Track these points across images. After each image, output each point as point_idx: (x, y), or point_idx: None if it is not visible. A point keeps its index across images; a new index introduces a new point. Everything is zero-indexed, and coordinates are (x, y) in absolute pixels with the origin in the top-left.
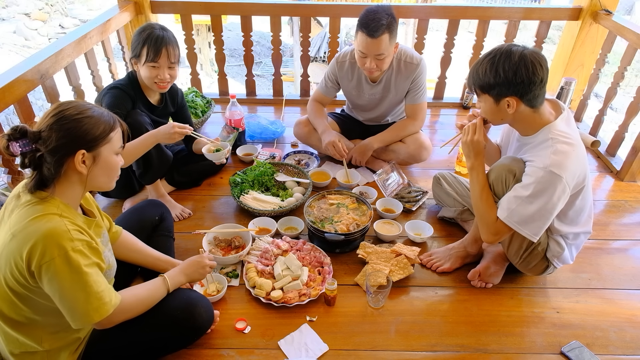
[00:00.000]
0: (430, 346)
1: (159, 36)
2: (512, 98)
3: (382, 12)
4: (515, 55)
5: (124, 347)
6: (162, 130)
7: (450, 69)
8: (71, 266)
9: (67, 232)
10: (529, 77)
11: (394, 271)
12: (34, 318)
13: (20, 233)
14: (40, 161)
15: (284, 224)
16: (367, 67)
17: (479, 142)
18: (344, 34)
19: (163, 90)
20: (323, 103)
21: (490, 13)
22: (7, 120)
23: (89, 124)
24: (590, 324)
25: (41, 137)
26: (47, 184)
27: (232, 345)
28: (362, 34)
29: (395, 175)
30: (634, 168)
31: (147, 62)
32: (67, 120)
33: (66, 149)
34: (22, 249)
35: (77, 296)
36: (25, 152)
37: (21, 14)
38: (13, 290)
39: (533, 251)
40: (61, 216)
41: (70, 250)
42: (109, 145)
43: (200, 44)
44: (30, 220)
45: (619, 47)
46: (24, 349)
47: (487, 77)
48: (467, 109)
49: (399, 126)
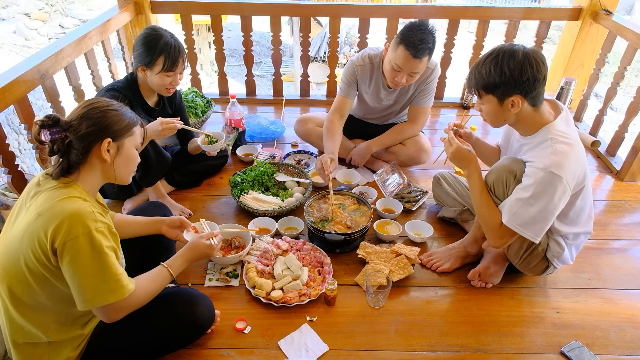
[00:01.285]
0: (430, 346)
1: (175, 46)
2: (517, 97)
3: (428, 34)
4: (519, 54)
5: (125, 345)
6: (151, 128)
7: (450, 69)
8: (94, 245)
9: (92, 214)
10: (534, 74)
11: (394, 271)
12: (45, 303)
13: (47, 212)
14: (69, 148)
15: (284, 224)
16: (397, 80)
17: (460, 151)
18: (344, 34)
19: (170, 94)
20: (344, 111)
21: (490, 13)
22: (7, 120)
23: (115, 116)
24: (590, 324)
25: (72, 125)
26: (71, 171)
27: (232, 345)
28: (405, 51)
29: (395, 175)
30: (634, 168)
31: (162, 72)
32: (96, 110)
33: (94, 136)
34: (47, 226)
35: (96, 275)
36: (55, 139)
37: (21, 14)
38: (31, 270)
39: (533, 251)
40: (85, 200)
41: (94, 230)
42: (131, 138)
43: (200, 44)
44: (57, 200)
45: (619, 47)
46: (28, 339)
47: (491, 76)
48: (467, 109)
49: (398, 130)
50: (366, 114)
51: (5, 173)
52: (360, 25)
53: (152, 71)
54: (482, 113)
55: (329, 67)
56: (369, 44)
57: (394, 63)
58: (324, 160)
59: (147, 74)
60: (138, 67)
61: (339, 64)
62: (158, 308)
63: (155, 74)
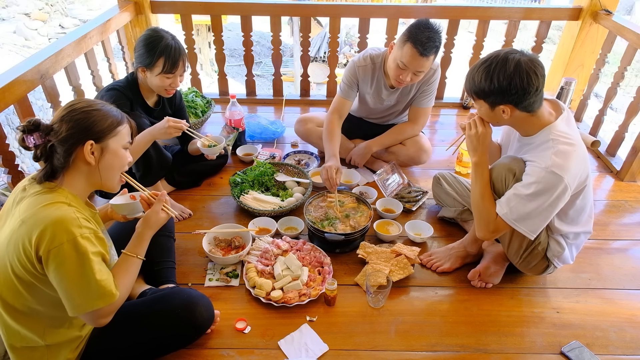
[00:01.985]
0: (430, 346)
1: (175, 48)
2: (507, 106)
3: (436, 33)
4: (510, 65)
5: (124, 346)
6: (158, 127)
7: (450, 69)
8: (79, 252)
9: (76, 220)
10: (523, 87)
11: (394, 271)
12: (37, 309)
13: (30, 219)
14: (52, 152)
15: (284, 224)
16: (402, 78)
17: (485, 134)
18: (344, 34)
19: (169, 95)
20: (343, 112)
21: (490, 13)
22: (7, 120)
23: (97, 116)
24: (590, 324)
25: (53, 129)
26: (56, 175)
27: (232, 345)
28: (413, 49)
29: (395, 175)
30: (634, 168)
31: (162, 73)
32: (76, 112)
33: (75, 139)
34: (31, 234)
35: (82, 281)
36: (37, 144)
37: (21, 14)
38: (19, 277)
39: (533, 251)
40: (70, 205)
41: (78, 236)
42: (116, 138)
43: (200, 44)
44: (40, 207)
45: (619, 47)
46: (25, 343)
47: (482, 84)
48: (467, 109)
49: (399, 130)
50: (367, 115)
51: (5, 173)
52: (360, 25)
53: (152, 72)
54: (477, 114)
55: (329, 67)
56: (369, 44)
57: (400, 61)
58: (330, 171)
59: (147, 75)
60: (138, 68)
61: (339, 64)
62: (157, 309)
63: (155, 75)
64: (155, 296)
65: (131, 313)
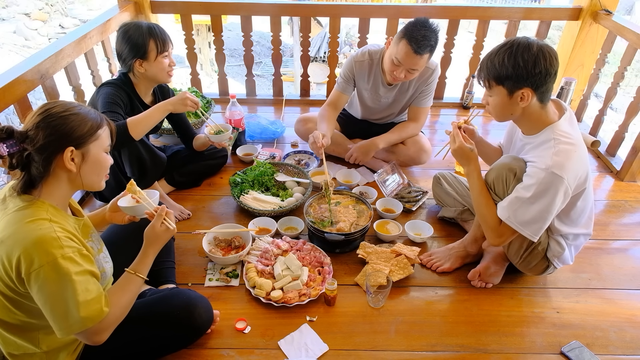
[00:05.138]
0: (430, 346)
1: (155, 26)
2: (527, 89)
3: (432, 31)
4: (533, 46)
5: (123, 347)
6: (175, 98)
7: (450, 69)
8: (59, 274)
9: (56, 240)
10: (547, 68)
11: (394, 271)
12: (29, 321)
13: (9, 239)
14: (28, 160)
15: (284, 224)
16: (396, 75)
17: (462, 149)
18: (344, 34)
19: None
20: (339, 105)
21: (490, 13)
22: (7, 120)
23: (75, 120)
24: (590, 324)
25: (28, 136)
26: (35, 184)
27: (232, 345)
28: (407, 46)
29: (395, 175)
30: (634, 168)
31: (159, 55)
32: (53, 117)
33: (54, 147)
34: (10, 256)
35: (66, 303)
36: (12, 152)
37: (21, 14)
38: (5, 295)
39: (533, 251)
40: (51, 221)
41: (59, 257)
42: (97, 142)
43: (200, 44)
44: (19, 225)
45: (619, 47)
46: (23, 350)
47: (504, 67)
48: (467, 109)
49: (402, 127)
50: (367, 115)
51: (5, 173)
52: (360, 25)
53: (149, 60)
54: (489, 106)
55: (329, 67)
56: (369, 44)
57: (394, 57)
58: (315, 135)
59: (145, 65)
60: (134, 63)
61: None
62: (156, 310)
63: (153, 60)
64: (155, 297)
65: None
